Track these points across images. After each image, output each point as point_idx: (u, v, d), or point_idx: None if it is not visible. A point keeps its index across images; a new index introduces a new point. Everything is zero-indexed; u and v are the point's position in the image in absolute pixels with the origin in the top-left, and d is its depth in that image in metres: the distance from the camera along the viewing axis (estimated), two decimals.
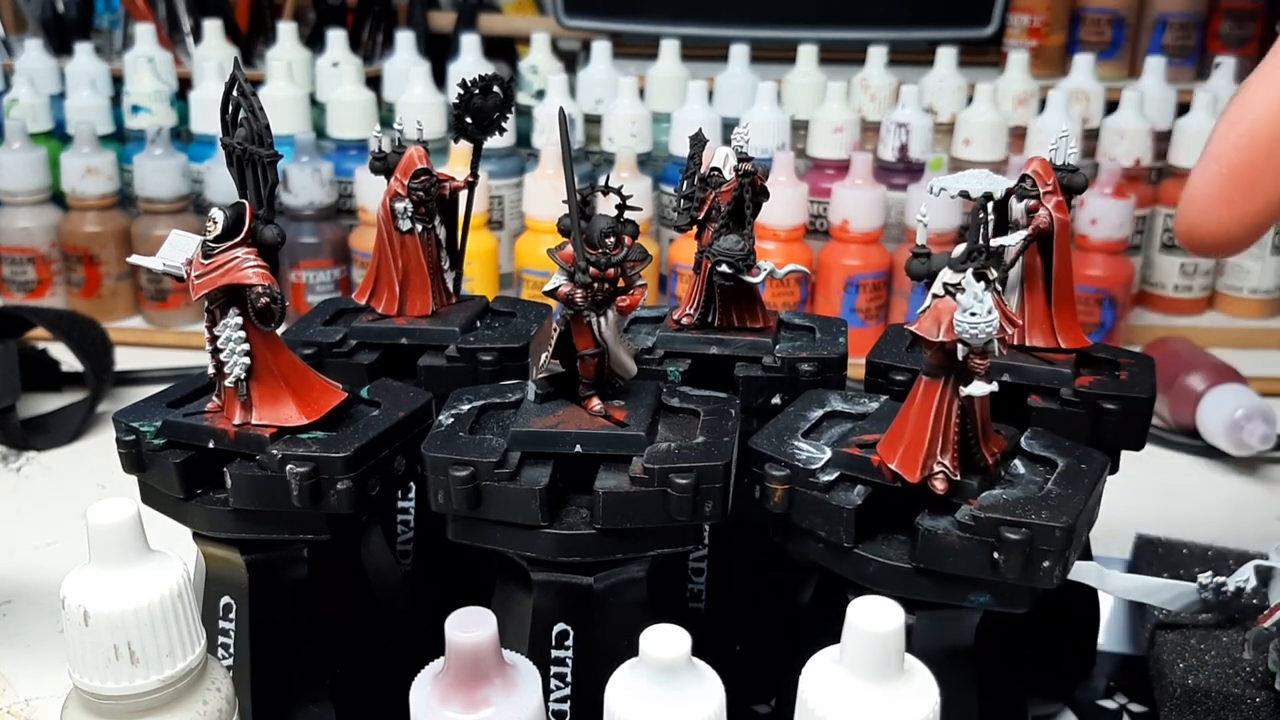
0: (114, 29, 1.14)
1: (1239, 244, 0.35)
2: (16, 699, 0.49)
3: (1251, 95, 0.34)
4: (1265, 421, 0.68)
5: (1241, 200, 0.34)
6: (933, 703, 0.28)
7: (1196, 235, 0.35)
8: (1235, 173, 0.33)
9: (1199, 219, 0.34)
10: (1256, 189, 0.33)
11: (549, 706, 0.37)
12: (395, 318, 0.49)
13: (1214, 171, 0.34)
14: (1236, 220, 0.34)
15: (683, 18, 1.04)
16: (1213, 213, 0.34)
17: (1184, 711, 0.45)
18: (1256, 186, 0.33)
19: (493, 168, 0.91)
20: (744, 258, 0.45)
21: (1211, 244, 0.35)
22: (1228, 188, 0.34)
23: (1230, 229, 0.34)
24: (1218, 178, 0.34)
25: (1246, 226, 0.34)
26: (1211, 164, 0.34)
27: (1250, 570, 0.47)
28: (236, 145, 0.38)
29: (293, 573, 0.41)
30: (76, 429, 0.73)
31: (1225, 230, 0.34)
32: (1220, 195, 0.34)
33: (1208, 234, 0.34)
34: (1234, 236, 0.34)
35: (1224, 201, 0.34)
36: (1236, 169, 0.33)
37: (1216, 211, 0.34)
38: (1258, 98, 0.34)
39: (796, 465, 0.37)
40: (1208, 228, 0.34)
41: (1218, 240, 0.34)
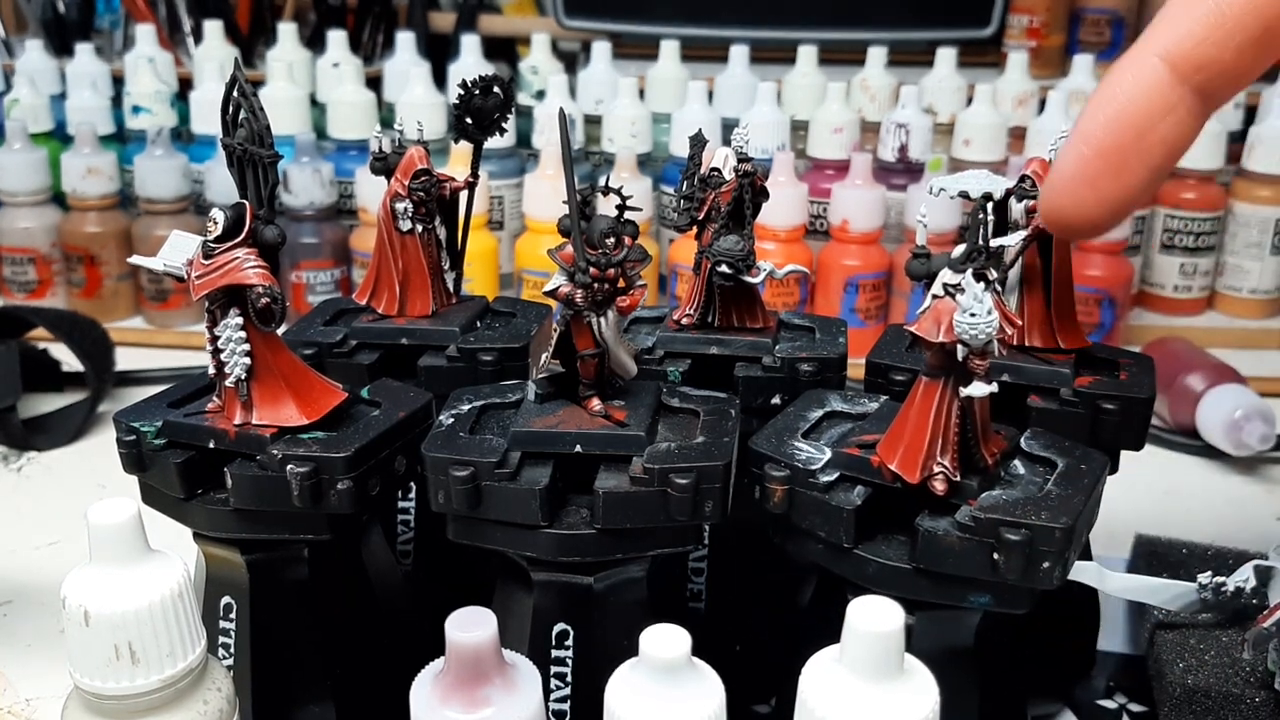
0: (114, 29, 1.14)
1: (1102, 226, 0.34)
2: (17, 699, 0.49)
3: (1119, 75, 0.34)
4: (1265, 421, 0.68)
5: (1106, 182, 0.33)
6: (933, 703, 0.28)
7: (1060, 216, 0.34)
8: (1101, 154, 0.33)
9: (1063, 200, 0.34)
10: (1122, 171, 0.33)
11: (549, 706, 0.37)
12: (395, 318, 0.49)
13: (1079, 152, 0.33)
14: (1101, 202, 0.33)
15: (683, 18, 1.04)
16: (1077, 194, 0.34)
17: (1183, 711, 0.45)
18: (1122, 168, 0.33)
19: (493, 168, 0.91)
20: (744, 258, 0.45)
21: (1075, 226, 0.34)
22: (1093, 168, 0.33)
23: (1093, 211, 0.34)
24: (1082, 159, 0.33)
25: (1110, 209, 0.34)
26: (1079, 144, 0.34)
27: (1250, 570, 0.47)
28: (237, 146, 0.38)
29: (293, 573, 0.41)
30: (77, 429, 0.73)
31: (1088, 212, 0.34)
32: (1085, 176, 0.33)
33: (1071, 215, 0.34)
34: (1097, 218, 0.34)
35: (1088, 183, 0.33)
36: (1103, 150, 0.33)
37: (1080, 192, 0.33)
38: (1125, 78, 0.34)
39: (796, 465, 0.37)
40: (1072, 209, 0.34)
41: (1081, 222, 0.34)
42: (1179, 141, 0.33)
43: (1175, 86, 0.33)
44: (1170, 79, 0.33)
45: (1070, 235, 0.36)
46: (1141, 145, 0.33)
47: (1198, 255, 0.92)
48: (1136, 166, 0.33)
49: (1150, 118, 0.33)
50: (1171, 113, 0.33)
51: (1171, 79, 0.33)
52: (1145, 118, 0.33)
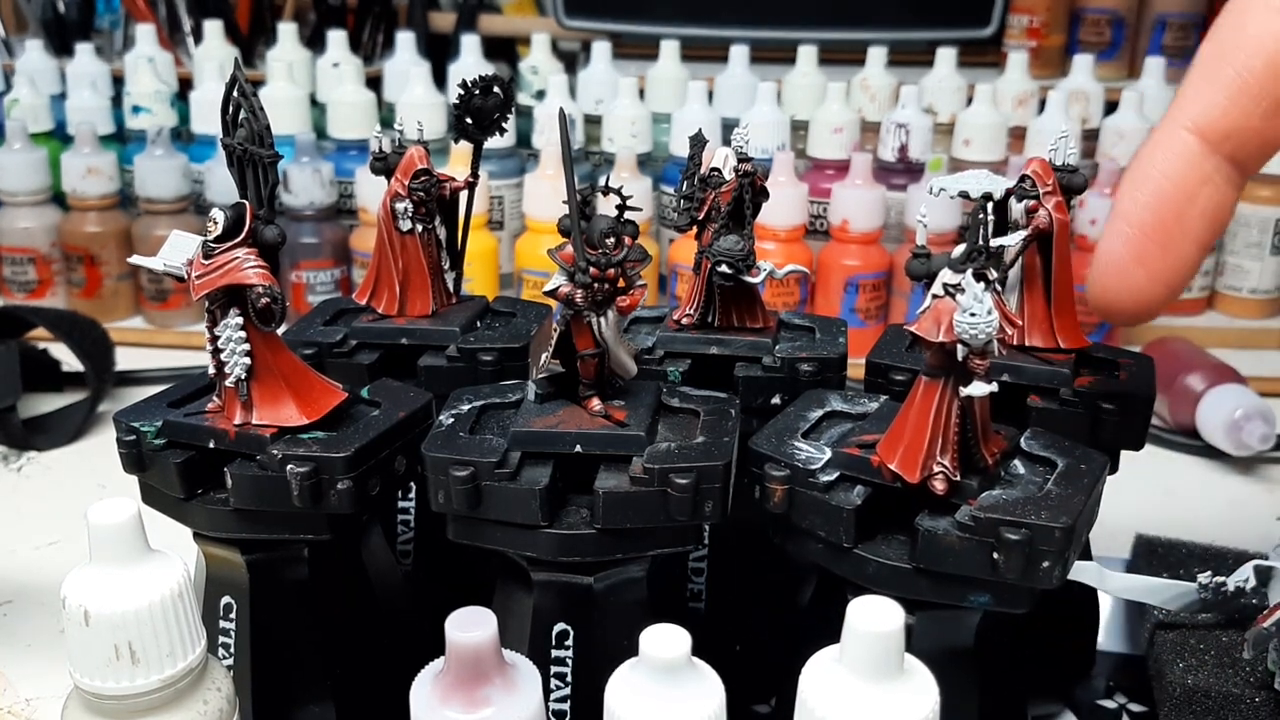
0: (114, 29, 1.14)
1: (1155, 305, 0.34)
2: (17, 699, 0.49)
3: (1151, 153, 0.34)
4: (1265, 421, 0.68)
5: (1155, 259, 0.33)
6: (933, 702, 0.28)
7: (1110, 298, 0.34)
8: (1145, 233, 0.33)
9: (1113, 282, 0.34)
10: (1169, 247, 0.33)
11: (549, 706, 0.37)
12: (395, 318, 0.49)
13: (1125, 234, 0.33)
14: (1152, 280, 0.33)
15: (683, 18, 1.04)
16: (1126, 273, 0.33)
17: (1183, 711, 0.45)
18: (1168, 245, 0.33)
19: (493, 168, 0.91)
20: (744, 258, 0.45)
21: (1128, 306, 0.34)
22: (1138, 248, 0.33)
23: (1145, 289, 0.34)
24: (1129, 240, 0.33)
25: (1161, 286, 0.33)
26: (1121, 227, 0.34)
27: (1250, 570, 0.47)
28: (237, 145, 0.38)
29: (293, 573, 0.41)
30: (77, 429, 0.73)
31: (1139, 291, 0.34)
32: (1133, 255, 0.33)
33: (1122, 296, 0.34)
34: (1149, 297, 0.34)
35: (1137, 262, 0.33)
36: (1146, 229, 0.33)
37: (1130, 271, 0.33)
38: (1157, 155, 0.34)
39: (796, 465, 0.37)
40: (1122, 290, 0.34)
41: (1134, 301, 0.34)
42: (1219, 212, 0.33)
43: (1208, 157, 0.33)
44: (1202, 150, 0.33)
45: (1123, 320, 0.36)
46: (1183, 220, 0.33)
47: None
48: (1181, 241, 0.33)
49: (1188, 192, 0.33)
50: (1208, 183, 0.33)
51: (1203, 150, 0.33)
52: (1183, 192, 0.33)
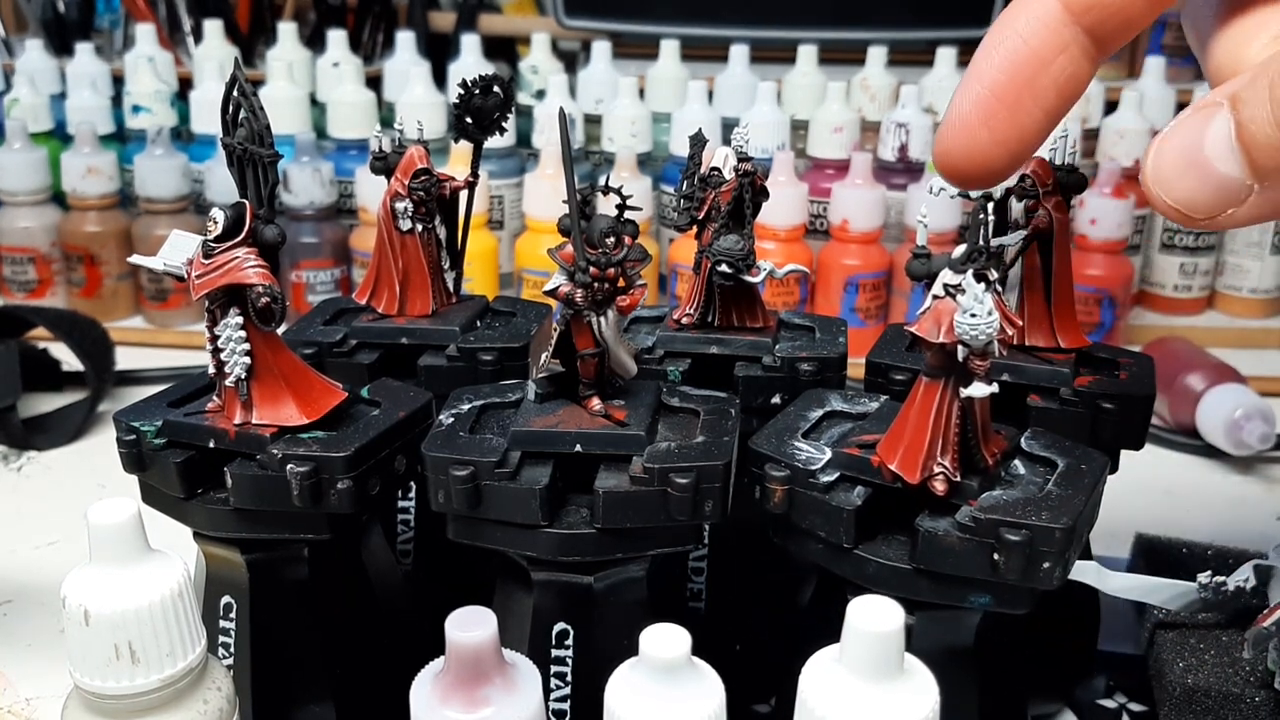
0: (114, 29, 1.14)
1: (996, 169, 0.33)
2: (17, 698, 0.49)
3: (1013, 13, 0.33)
4: (1265, 421, 0.68)
5: (1001, 121, 0.32)
6: (933, 702, 0.28)
7: (954, 159, 0.33)
8: (994, 93, 0.33)
9: (958, 142, 0.33)
10: (1017, 110, 0.32)
11: (549, 706, 0.37)
12: (395, 317, 0.49)
13: (975, 93, 0.33)
14: (995, 143, 0.32)
15: (683, 18, 1.04)
16: (973, 134, 0.33)
17: (1183, 711, 0.45)
18: (1017, 108, 0.32)
19: (493, 168, 0.91)
20: (744, 257, 0.45)
21: (969, 168, 0.33)
22: (987, 108, 0.33)
23: (988, 152, 0.33)
24: (978, 99, 0.32)
25: (1004, 151, 0.32)
26: (973, 83, 0.33)
27: (1250, 570, 0.47)
28: (237, 145, 0.38)
29: (293, 572, 0.41)
30: (77, 429, 0.73)
31: (984, 153, 0.33)
32: (979, 116, 0.33)
33: (965, 157, 0.33)
34: (992, 160, 0.33)
35: (983, 122, 0.32)
36: (996, 89, 0.33)
37: (976, 133, 0.33)
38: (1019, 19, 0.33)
39: (796, 465, 0.37)
40: (967, 150, 0.33)
41: (976, 163, 0.33)
42: (1072, 83, 0.33)
43: (1068, 25, 0.32)
44: (1063, 17, 0.32)
45: (963, 180, 0.35)
46: (1035, 85, 0.33)
47: (1198, 255, 0.92)
48: (1031, 106, 0.33)
49: (1044, 57, 0.32)
50: (1064, 52, 0.32)
51: (1064, 17, 0.32)
52: (1039, 57, 0.32)
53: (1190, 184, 0.30)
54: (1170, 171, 0.30)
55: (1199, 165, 0.30)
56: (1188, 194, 0.30)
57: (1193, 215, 0.30)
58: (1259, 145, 0.29)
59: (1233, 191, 0.29)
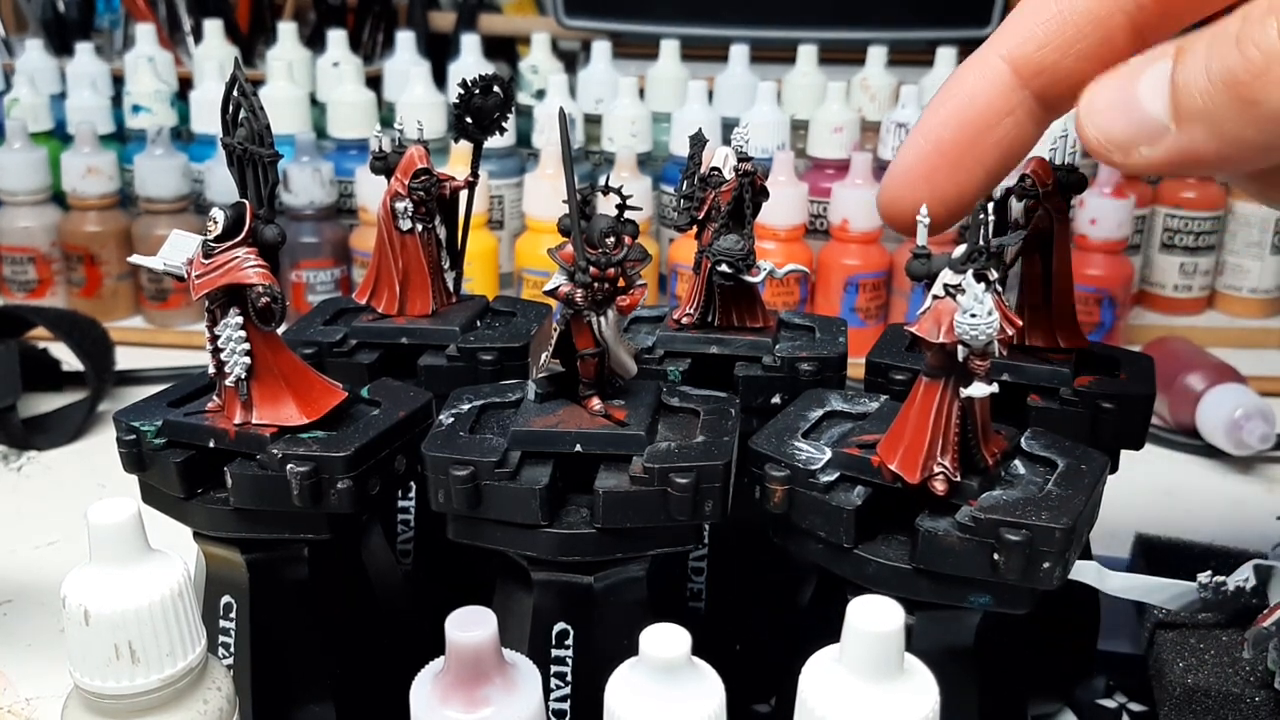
0: (114, 29, 1.14)
1: (935, 224, 0.34)
2: (17, 698, 0.49)
3: (964, 72, 0.33)
4: (1265, 421, 0.68)
5: (943, 179, 0.33)
6: (933, 702, 0.28)
7: (895, 210, 0.34)
8: (939, 150, 0.33)
9: (900, 193, 0.34)
10: (959, 168, 0.33)
11: (549, 706, 0.37)
12: (395, 317, 0.49)
13: (919, 149, 0.33)
14: (934, 199, 0.33)
15: (683, 18, 1.04)
16: (914, 188, 0.33)
17: (1183, 711, 0.45)
18: (959, 166, 0.33)
19: (493, 167, 0.91)
20: (744, 257, 0.45)
21: (909, 220, 0.34)
22: (930, 164, 0.33)
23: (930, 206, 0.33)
24: (922, 155, 0.33)
25: (943, 208, 0.33)
26: (918, 138, 0.33)
27: (1250, 569, 0.47)
28: (237, 145, 0.38)
29: (293, 572, 0.41)
30: (77, 428, 0.73)
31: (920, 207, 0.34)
32: (922, 172, 0.33)
33: (907, 209, 0.33)
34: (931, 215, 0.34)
35: (924, 178, 0.33)
36: (941, 146, 0.33)
37: (917, 186, 0.33)
38: (969, 76, 0.33)
39: (796, 465, 0.37)
40: (908, 202, 0.33)
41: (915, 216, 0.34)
42: (1016, 145, 0.33)
43: (1017, 90, 0.33)
44: (1012, 82, 0.32)
45: (902, 229, 0.36)
46: (979, 145, 0.33)
47: (1198, 254, 0.92)
48: (973, 166, 0.33)
49: (989, 119, 0.33)
50: (1011, 115, 0.33)
51: (1013, 82, 0.32)
52: (985, 118, 0.33)
53: (1114, 116, 0.31)
54: (1101, 103, 0.31)
55: (1128, 100, 0.30)
56: (1108, 124, 0.31)
57: (1108, 146, 0.31)
58: (1186, 89, 0.29)
59: (1150, 130, 0.30)
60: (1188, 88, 0.29)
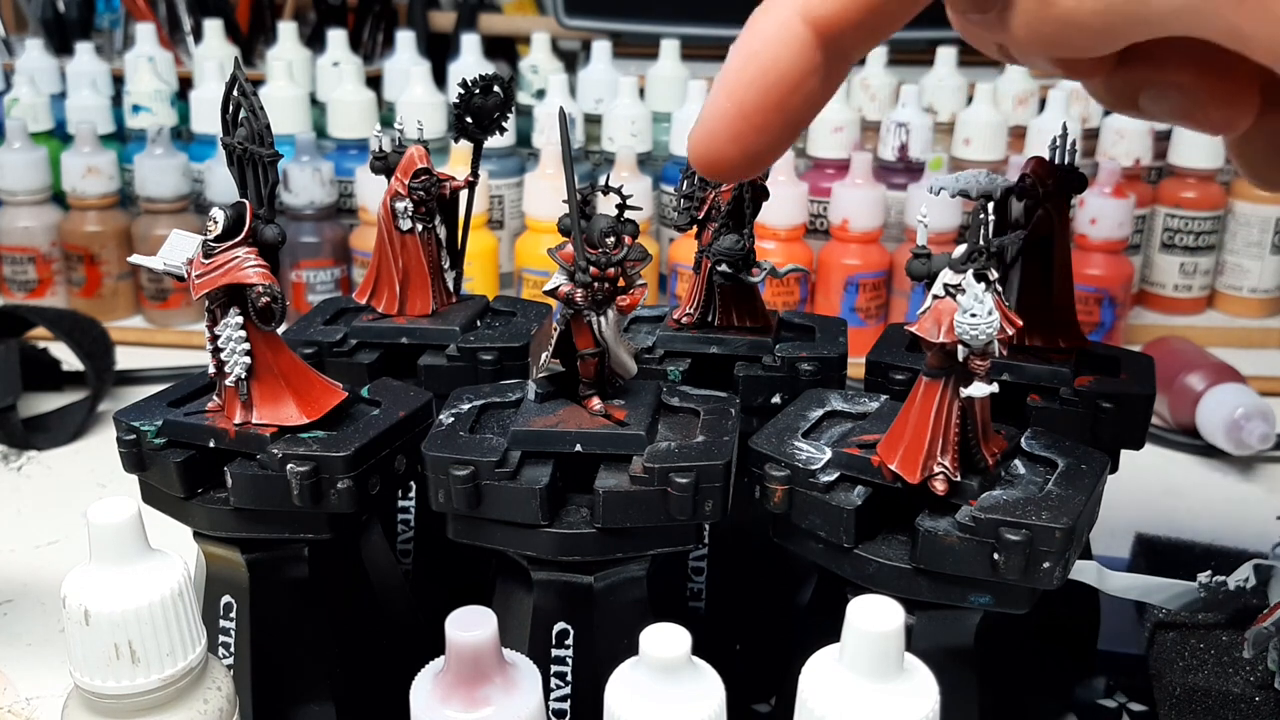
0: (114, 29, 1.14)
1: (747, 173, 0.35)
2: (17, 698, 0.49)
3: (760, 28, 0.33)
4: (1265, 421, 0.68)
5: (749, 139, 0.33)
6: (933, 702, 0.28)
7: (705, 164, 0.34)
8: (743, 114, 0.33)
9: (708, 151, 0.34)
10: (765, 129, 0.33)
11: (549, 705, 0.37)
12: (395, 317, 0.49)
13: (723, 108, 0.33)
14: (744, 155, 0.33)
15: (683, 18, 1.04)
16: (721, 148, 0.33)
17: (1183, 710, 0.45)
18: (766, 128, 0.33)
19: (493, 167, 0.91)
20: (744, 257, 0.45)
21: (720, 174, 0.35)
22: (736, 126, 0.33)
23: (738, 161, 0.34)
24: (726, 116, 0.33)
25: (753, 160, 0.34)
26: (723, 99, 0.33)
27: (1250, 569, 0.47)
28: (237, 145, 0.38)
29: (293, 572, 0.41)
30: (77, 428, 0.73)
31: (732, 162, 0.34)
32: (729, 133, 0.33)
33: (716, 165, 0.34)
34: (741, 168, 0.34)
35: (732, 139, 0.33)
36: (745, 109, 0.33)
37: (724, 146, 0.33)
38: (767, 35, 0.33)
39: (796, 465, 0.37)
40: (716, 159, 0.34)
41: (726, 171, 0.34)
42: (822, 95, 0.33)
43: (818, 48, 0.32)
44: (811, 40, 0.32)
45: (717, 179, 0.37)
46: (786, 106, 0.33)
47: (1198, 254, 0.92)
48: (780, 126, 0.33)
49: (794, 81, 0.32)
50: (815, 73, 0.33)
51: (813, 40, 0.32)
52: (790, 81, 0.32)
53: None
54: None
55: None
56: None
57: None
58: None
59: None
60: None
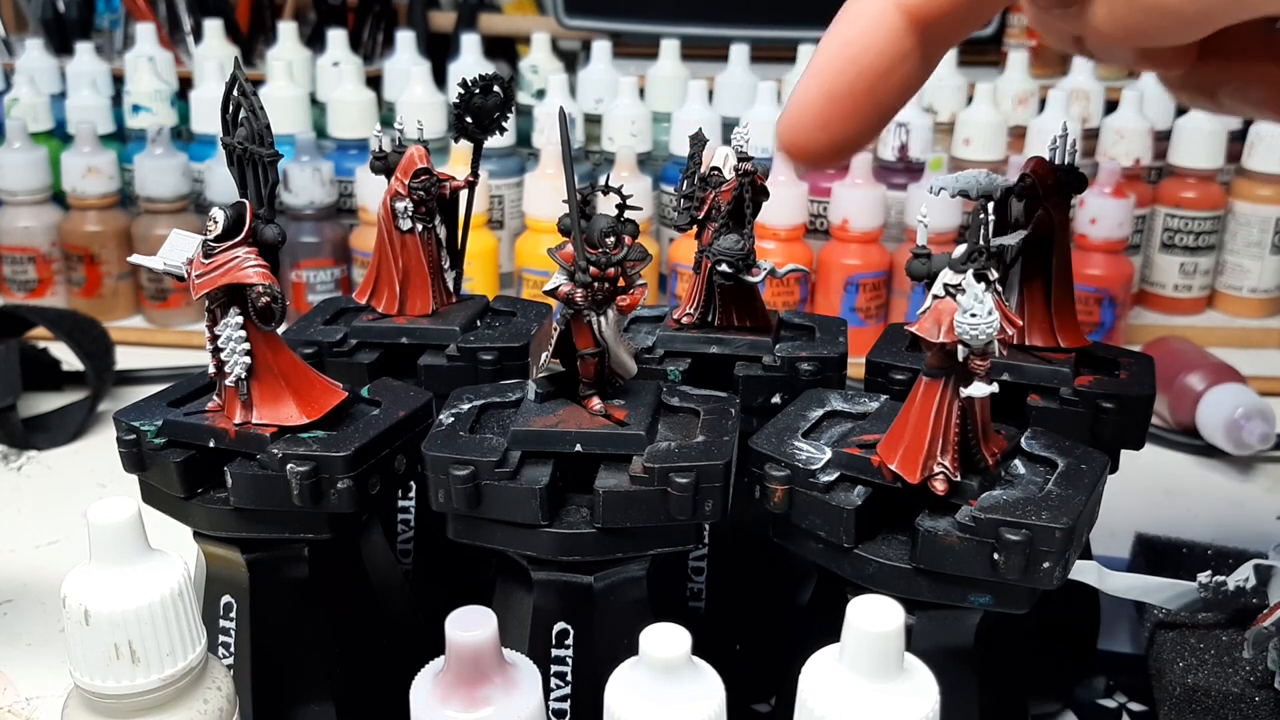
0: (115, 29, 1.14)
1: (835, 160, 0.35)
2: (17, 698, 0.49)
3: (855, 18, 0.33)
4: (1265, 421, 0.68)
5: (839, 126, 0.33)
6: (933, 702, 0.28)
7: (794, 153, 0.34)
8: (833, 100, 0.33)
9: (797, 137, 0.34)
10: (855, 115, 0.33)
11: (549, 705, 0.37)
12: (396, 317, 0.49)
13: (812, 95, 0.33)
14: (833, 142, 0.33)
15: (683, 18, 1.04)
16: (811, 135, 0.33)
17: (1183, 710, 0.45)
18: (855, 113, 0.33)
19: (493, 167, 0.91)
20: (744, 257, 0.45)
21: (810, 162, 0.34)
22: (826, 113, 0.33)
23: (826, 149, 0.33)
24: (815, 103, 0.33)
25: (841, 147, 0.33)
26: (813, 86, 0.33)
27: (1250, 569, 0.47)
28: (237, 145, 0.38)
29: (293, 572, 0.41)
30: (77, 428, 0.73)
31: (821, 151, 0.34)
32: (819, 120, 0.33)
33: (804, 153, 0.34)
34: (830, 155, 0.34)
35: (821, 126, 0.33)
36: (835, 95, 0.33)
37: (814, 134, 0.33)
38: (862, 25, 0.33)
39: (796, 465, 0.37)
40: (805, 145, 0.34)
41: (815, 157, 0.34)
42: (911, 84, 0.33)
43: (909, 34, 0.32)
44: (904, 27, 0.32)
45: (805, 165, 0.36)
46: (875, 92, 0.33)
47: (1198, 254, 0.92)
48: (870, 110, 0.33)
49: (886, 66, 0.32)
50: (906, 60, 0.33)
51: (906, 27, 0.32)
52: (881, 66, 0.32)
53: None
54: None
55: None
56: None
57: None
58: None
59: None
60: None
